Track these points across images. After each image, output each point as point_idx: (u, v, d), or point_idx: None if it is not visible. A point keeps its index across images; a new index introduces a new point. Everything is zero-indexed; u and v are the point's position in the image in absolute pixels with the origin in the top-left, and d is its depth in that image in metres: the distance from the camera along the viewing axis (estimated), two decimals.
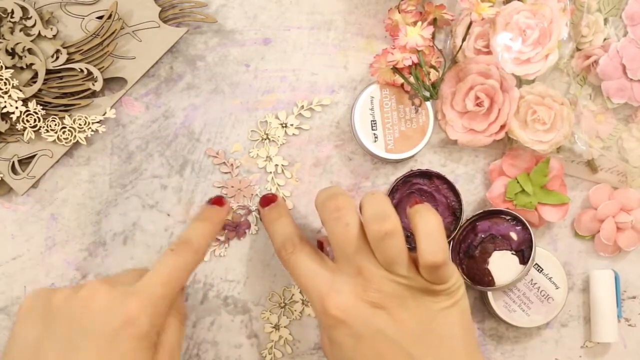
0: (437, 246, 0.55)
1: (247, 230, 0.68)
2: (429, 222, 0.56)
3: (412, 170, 0.67)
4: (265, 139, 0.68)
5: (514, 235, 0.67)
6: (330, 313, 0.56)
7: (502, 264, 0.67)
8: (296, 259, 0.60)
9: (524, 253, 0.67)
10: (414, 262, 0.57)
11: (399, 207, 0.66)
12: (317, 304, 0.58)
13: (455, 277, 0.58)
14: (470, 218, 0.68)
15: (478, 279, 0.67)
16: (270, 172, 0.68)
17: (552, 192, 0.68)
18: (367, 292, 0.57)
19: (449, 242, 0.67)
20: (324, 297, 0.57)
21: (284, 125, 0.68)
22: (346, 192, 0.60)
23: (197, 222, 0.62)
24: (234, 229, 0.68)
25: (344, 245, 0.57)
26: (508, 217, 0.67)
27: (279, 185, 0.68)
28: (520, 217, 0.67)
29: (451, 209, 0.67)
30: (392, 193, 0.66)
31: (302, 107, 0.68)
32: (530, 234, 0.66)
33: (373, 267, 0.57)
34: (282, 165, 0.68)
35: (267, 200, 0.65)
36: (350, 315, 0.56)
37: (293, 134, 0.68)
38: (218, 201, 0.64)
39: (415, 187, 0.67)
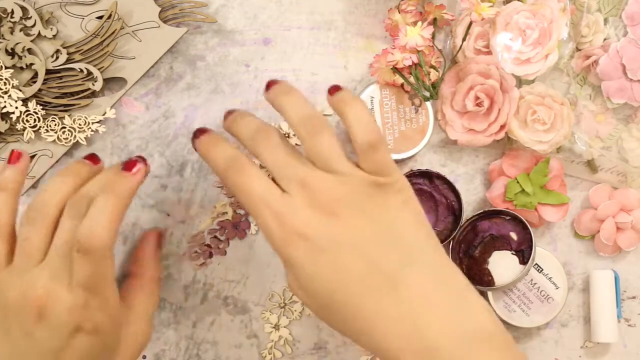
0: (368, 126, 0.54)
1: (247, 231, 0.68)
2: (356, 107, 0.55)
3: (412, 170, 0.67)
4: None
5: (513, 236, 0.67)
6: (290, 227, 0.53)
7: (502, 264, 0.67)
8: (244, 181, 0.55)
9: (523, 253, 0.67)
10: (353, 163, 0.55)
11: None
12: (273, 221, 0.54)
13: (398, 172, 0.55)
14: (470, 218, 0.68)
15: (478, 279, 0.67)
16: None
17: (552, 192, 0.68)
18: (317, 202, 0.53)
19: (449, 242, 0.67)
20: (281, 217, 0.53)
21: (287, 135, 0.68)
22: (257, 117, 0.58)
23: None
24: (234, 228, 0.68)
25: (278, 162, 0.55)
26: (508, 217, 0.67)
27: None
28: (520, 217, 0.67)
29: (451, 209, 0.67)
30: None
31: None
32: (530, 234, 0.66)
33: (313, 172, 0.54)
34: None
35: (200, 131, 0.59)
36: (309, 227, 0.53)
37: (296, 144, 0.67)
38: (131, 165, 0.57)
39: (415, 187, 0.67)
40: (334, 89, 0.57)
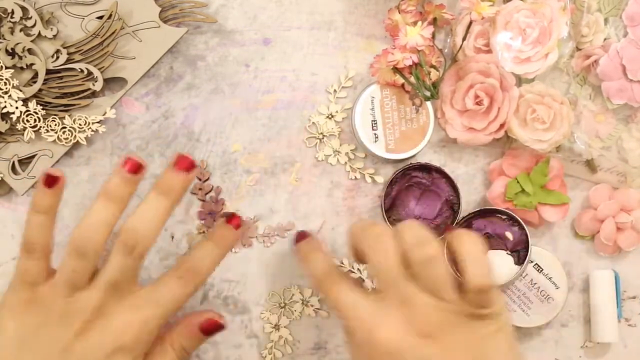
0: (485, 269, 0.55)
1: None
2: (475, 245, 0.56)
3: (411, 163, 0.67)
4: (322, 138, 0.68)
5: (509, 235, 0.67)
6: (379, 344, 0.55)
7: (496, 264, 0.66)
8: (338, 291, 0.58)
9: (519, 254, 0.67)
10: (458, 287, 0.57)
11: (397, 199, 0.66)
12: (363, 334, 0.56)
13: (499, 301, 0.56)
14: (466, 216, 0.67)
15: None
16: (345, 163, 0.68)
17: (552, 192, 0.68)
18: (414, 322, 0.55)
19: (444, 239, 0.67)
20: (371, 328, 0.55)
21: (330, 116, 0.68)
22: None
23: (209, 247, 0.59)
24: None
25: (387, 273, 0.56)
26: (504, 217, 0.67)
27: (359, 169, 0.68)
28: (517, 217, 0.66)
29: (449, 203, 0.67)
30: (390, 185, 0.66)
31: (335, 90, 0.68)
32: (526, 235, 0.66)
33: (418, 294, 0.56)
34: (351, 150, 0.68)
35: (301, 235, 0.63)
36: (399, 346, 0.55)
37: (343, 119, 0.68)
38: (235, 221, 0.60)
39: (414, 180, 0.67)
40: (448, 228, 0.60)
